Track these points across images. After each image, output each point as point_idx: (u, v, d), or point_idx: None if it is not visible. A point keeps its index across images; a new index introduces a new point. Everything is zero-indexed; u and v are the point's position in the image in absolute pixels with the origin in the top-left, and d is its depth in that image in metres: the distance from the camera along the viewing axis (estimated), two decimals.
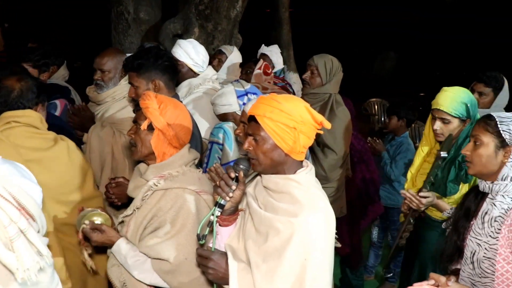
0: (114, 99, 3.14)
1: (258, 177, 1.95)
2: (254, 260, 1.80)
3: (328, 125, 1.83)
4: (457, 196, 2.70)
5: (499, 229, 1.91)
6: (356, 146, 3.92)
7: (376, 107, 8.28)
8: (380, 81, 14.78)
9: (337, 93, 3.49)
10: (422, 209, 2.70)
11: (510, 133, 1.93)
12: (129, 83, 2.85)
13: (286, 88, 4.17)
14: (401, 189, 2.89)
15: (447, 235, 2.21)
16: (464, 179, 2.67)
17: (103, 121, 3.08)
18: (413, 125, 4.73)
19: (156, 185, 2.16)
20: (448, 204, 2.67)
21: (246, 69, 4.35)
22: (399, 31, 15.52)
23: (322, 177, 3.29)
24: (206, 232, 1.88)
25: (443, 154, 2.64)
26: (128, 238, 2.21)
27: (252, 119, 1.83)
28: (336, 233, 1.97)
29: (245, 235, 1.89)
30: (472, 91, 3.50)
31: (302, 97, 3.57)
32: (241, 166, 1.87)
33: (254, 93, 2.89)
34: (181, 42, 3.47)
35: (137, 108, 2.25)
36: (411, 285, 1.96)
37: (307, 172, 1.87)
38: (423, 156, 2.92)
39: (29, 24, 12.39)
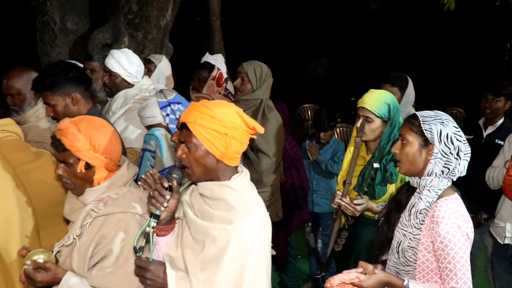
0: (38, 118, 3.03)
1: (194, 185, 1.94)
2: (192, 269, 1.80)
3: (261, 129, 1.83)
4: (386, 197, 2.81)
5: (423, 221, 2.01)
6: (289, 152, 3.98)
7: (309, 112, 8.47)
8: (313, 86, 15.09)
9: (268, 98, 3.55)
10: (357, 215, 2.78)
11: (431, 132, 2.03)
12: (45, 103, 2.72)
13: (228, 97, 4.20)
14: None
15: (379, 225, 2.30)
16: (390, 180, 2.78)
17: (29, 140, 2.97)
18: (344, 128, 4.87)
19: (96, 211, 2.05)
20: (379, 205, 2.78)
21: (197, 76, 4.33)
22: (332, 34, 15.93)
23: (257, 182, 3.31)
24: (143, 244, 1.86)
25: (376, 165, 2.75)
26: (75, 270, 2.08)
27: (184, 126, 1.82)
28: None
29: (182, 243, 1.87)
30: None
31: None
32: (174, 175, 1.85)
33: (178, 103, 2.88)
34: (114, 52, 3.41)
35: (59, 149, 2.05)
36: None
37: (242, 178, 1.87)
38: (350, 157, 3.01)
39: None
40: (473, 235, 2.03)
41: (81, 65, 3.42)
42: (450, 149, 2.01)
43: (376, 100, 2.82)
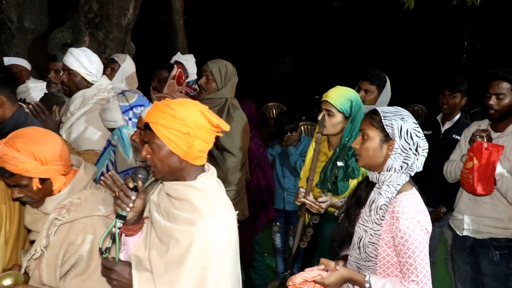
0: None
1: (162, 184, 1.94)
2: (156, 270, 1.80)
3: (226, 127, 1.83)
4: (348, 192, 2.85)
5: (383, 216, 2.05)
6: (255, 152, 3.99)
7: (274, 111, 8.52)
8: (278, 85, 15.15)
9: (233, 97, 3.55)
10: (322, 212, 2.82)
11: (392, 127, 2.07)
12: None
13: (197, 98, 4.17)
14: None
15: (340, 221, 2.33)
16: (351, 175, 2.82)
17: None
18: (308, 126, 4.91)
19: (60, 219, 2.01)
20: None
21: (157, 76, 4.30)
22: (295, 34, 16.02)
23: (222, 181, 3.30)
24: (110, 245, 1.86)
25: (340, 163, 2.78)
26: (46, 283, 2.03)
27: (147, 126, 1.81)
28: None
29: (149, 244, 1.87)
30: (359, 89, 3.72)
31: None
32: (140, 175, 1.84)
33: (140, 105, 2.86)
34: (73, 50, 3.37)
35: (6, 175, 1.98)
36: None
37: (208, 177, 1.86)
38: (312, 152, 3.04)
39: None
40: (431, 229, 2.07)
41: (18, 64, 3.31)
42: (409, 144, 2.05)
43: (339, 95, 2.86)
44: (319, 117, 2.89)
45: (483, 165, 3.02)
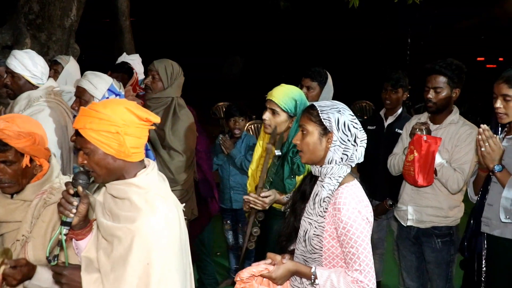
0: None
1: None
2: (103, 270, 1.81)
3: (156, 119, 1.84)
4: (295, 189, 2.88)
5: (327, 208, 2.10)
6: None
7: (224, 110, 8.52)
8: (229, 85, 15.16)
9: (179, 96, 3.54)
10: (267, 207, 2.84)
11: (330, 121, 2.11)
12: None
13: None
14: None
15: (286, 216, 2.36)
16: (297, 172, 2.85)
17: None
18: (258, 124, 4.94)
19: (48, 200, 2.13)
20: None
21: (117, 79, 4.22)
22: (245, 34, 16.07)
23: (170, 180, 3.24)
24: (57, 252, 1.88)
25: (277, 152, 2.80)
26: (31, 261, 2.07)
27: (78, 133, 1.81)
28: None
29: (98, 245, 1.88)
30: (301, 86, 3.77)
31: (144, 103, 3.57)
32: (80, 181, 1.85)
33: (117, 94, 2.94)
34: (16, 53, 3.28)
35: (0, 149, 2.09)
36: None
37: (148, 173, 1.87)
38: (261, 151, 3.08)
39: None
40: (372, 219, 2.13)
41: None
42: (347, 136, 2.10)
43: (283, 94, 2.88)
44: (264, 116, 2.91)
45: (423, 157, 3.13)
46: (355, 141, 2.11)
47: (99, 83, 2.97)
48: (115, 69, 4.46)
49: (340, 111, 2.13)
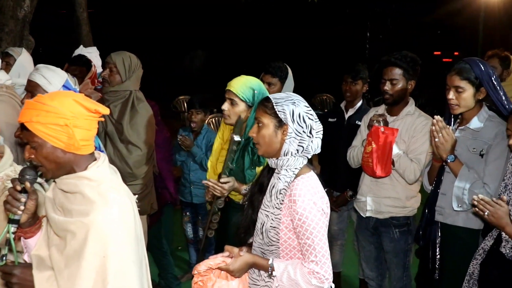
0: None
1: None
2: (57, 267, 1.77)
3: (105, 111, 1.81)
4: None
5: (283, 200, 2.10)
6: None
7: (185, 104, 8.46)
8: (190, 79, 15.06)
9: (137, 89, 3.47)
10: (226, 194, 2.83)
11: (284, 112, 2.11)
12: None
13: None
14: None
15: (244, 209, 2.36)
16: (258, 163, 2.85)
17: None
18: (219, 118, 4.90)
19: (6, 185, 2.09)
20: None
21: (73, 72, 4.11)
22: (207, 28, 15.99)
23: (128, 174, 3.25)
24: (6, 251, 1.82)
25: (236, 138, 2.79)
26: None
27: (24, 127, 1.76)
28: None
29: (50, 242, 1.83)
30: (262, 82, 3.77)
31: (102, 96, 3.50)
32: (27, 177, 1.79)
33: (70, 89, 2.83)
34: None
35: None
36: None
37: (99, 165, 1.84)
38: (220, 142, 3.06)
39: None
40: (329, 210, 2.15)
41: None
42: (303, 128, 2.10)
43: (242, 84, 2.88)
44: (223, 106, 2.90)
45: (381, 148, 3.18)
46: (310, 132, 2.11)
47: (53, 78, 2.84)
48: (73, 62, 4.36)
49: (295, 103, 2.12)
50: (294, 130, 2.09)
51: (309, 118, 2.11)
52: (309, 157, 2.16)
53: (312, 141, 2.12)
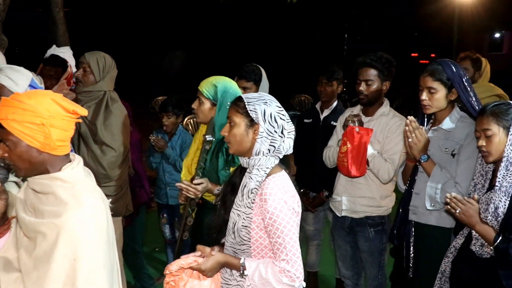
0: None
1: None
2: (25, 269, 1.73)
3: (83, 112, 1.79)
4: None
5: (254, 200, 2.11)
6: None
7: None
8: (170, 79, 14.99)
9: (112, 90, 3.44)
10: (200, 196, 2.82)
11: (256, 112, 2.11)
12: None
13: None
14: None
15: (217, 209, 2.36)
16: (232, 163, 2.84)
17: None
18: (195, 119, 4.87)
19: None
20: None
21: (49, 72, 4.05)
22: (187, 29, 15.95)
23: (103, 176, 3.22)
24: None
25: (208, 137, 2.78)
26: None
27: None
28: None
29: (19, 243, 1.80)
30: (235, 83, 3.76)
31: (76, 96, 3.45)
32: None
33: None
34: None
35: None
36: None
37: (74, 167, 1.82)
38: (197, 143, 3.05)
39: None
40: (300, 209, 2.15)
41: None
42: (274, 127, 2.10)
43: (207, 82, 2.89)
44: (192, 105, 2.90)
45: (356, 148, 3.21)
46: (282, 132, 2.11)
47: (19, 79, 2.75)
48: (48, 62, 4.29)
49: (266, 102, 2.13)
50: (265, 129, 2.10)
51: (280, 118, 2.12)
52: (281, 157, 2.17)
53: (283, 141, 2.13)
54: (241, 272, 2.11)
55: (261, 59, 4.56)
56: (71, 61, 4.59)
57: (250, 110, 2.11)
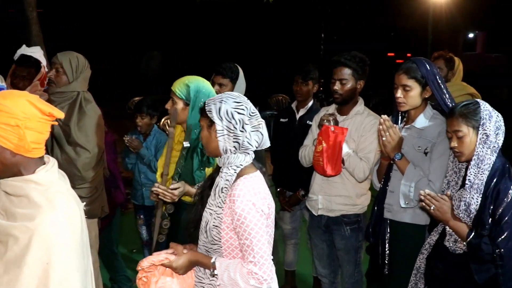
0: None
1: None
2: None
3: (59, 114, 1.76)
4: None
5: (225, 199, 2.10)
6: None
7: None
8: (147, 80, 14.90)
9: (86, 90, 3.39)
10: (176, 200, 2.80)
11: (211, 112, 2.12)
12: None
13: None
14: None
15: (195, 204, 2.36)
16: (207, 164, 2.84)
17: None
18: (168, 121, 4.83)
19: None
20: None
21: (21, 73, 3.97)
22: (163, 29, 15.86)
23: (77, 178, 3.17)
24: None
25: (185, 144, 2.78)
26: None
27: None
28: None
29: None
30: (213, 84, 3.75)
31: (49, 97, 3.40)
32: None
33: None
34: None
35: None
36: None
37: (48, 169, 1.78)
38: (170, 143, 3.02)
39: None
40: (271, 211, 2.14)
41: None
42: (232, 123, 2.09)
43: (179, 82, 2.87)
44: (166, 105, 2.89)
45: (331, 147, 3.22)
46: (243, 127, 2.10)
47: None
48: (21, 63, 4.21)
49: (222, 100, 2.12)
50: (224, 127, 2.09)
51: (238, 113, 2.09)
52: (249, 153, 2.15)
53: (247, 136, 2.10)
54: (212, 271, 2.12)
55: (238, 58, 4.55)
56: (42, 60, 4.52)
57: (207, 111, 2.13)
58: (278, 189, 4.29)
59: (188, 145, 2.78)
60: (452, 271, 2.48)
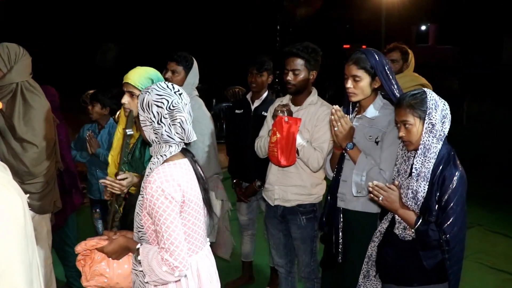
0: None
1: None
2: None
3: None
4: None
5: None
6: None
7: None
8: (103, 72, 14.61)
9: (27, 80, 3.17)
10: (125, 191, 2.76)
11: (140, 102, 2.15)
12: None
13: None
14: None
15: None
16: None
17: None
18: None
19: None
20: None
21: None
22: (121, 19, 15.57)
23: (25, 173, 3.06)
24: None
25: (129, 131, 2.73)
26: None
27: None
28: None
29: None
30: (166, 70, 3.70)
31: None
32: None
33: None
34: None
35: None
36: None
37: None
38: (120, 137, 2.98)
39: None
40: (186, 198, 2.11)
41: None
42: (150, 115, 2.11)
43: (139, 75, 2.81)
44: (123, 100, 2.82)
45: (285, 138, 3.23)
46: (161, 120, 2.10)
47: None
48: None
49: (148, 91, 2.14)
50: (146, 118, 2.12)
51: (157, 106, 2.09)
52: (171, 145, 2.14)
53: (166, 130, 2.10)
54: (136, 257, 2.17)
55: (194, 50, 4.50)
56: None
57: (138, 102, 2.17)
58: (234, 180, 4.28)
59: (132, 132, 2.75)
60: (402, 258, 2.53)
